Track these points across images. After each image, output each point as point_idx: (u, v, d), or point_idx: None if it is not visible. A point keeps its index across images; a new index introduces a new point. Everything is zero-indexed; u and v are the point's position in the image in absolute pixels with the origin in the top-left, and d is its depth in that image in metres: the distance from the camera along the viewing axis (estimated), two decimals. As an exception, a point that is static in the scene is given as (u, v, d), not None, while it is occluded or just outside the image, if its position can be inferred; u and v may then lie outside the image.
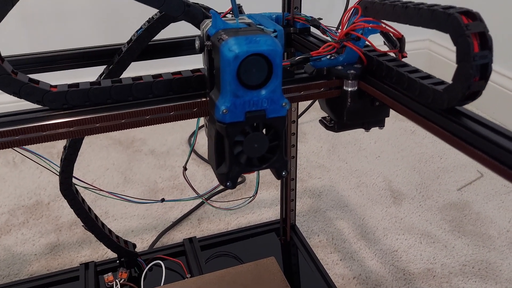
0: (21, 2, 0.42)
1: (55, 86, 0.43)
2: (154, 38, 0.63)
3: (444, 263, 1.03)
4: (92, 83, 0.44)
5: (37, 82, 0.42)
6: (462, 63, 0.37)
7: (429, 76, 0.43)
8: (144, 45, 0.65)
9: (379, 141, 1.50)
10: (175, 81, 0.47)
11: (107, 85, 0.44)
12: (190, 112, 0.48)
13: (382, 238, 1.11)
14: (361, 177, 1.33)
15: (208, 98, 0.49)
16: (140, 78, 0.46)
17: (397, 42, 0.49)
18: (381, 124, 0.53)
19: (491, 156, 0.35)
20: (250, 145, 0.46)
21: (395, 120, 1.62)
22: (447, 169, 1.36)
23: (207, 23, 0.48)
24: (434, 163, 1.38)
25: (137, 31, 0.65)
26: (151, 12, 0.62)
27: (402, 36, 0.49)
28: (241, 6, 0.63)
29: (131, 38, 0.66)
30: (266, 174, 1.33)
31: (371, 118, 0.52)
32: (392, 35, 0.49)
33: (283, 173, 0.49)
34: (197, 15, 0.52)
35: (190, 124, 1.60)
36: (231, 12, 0.57)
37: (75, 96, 0.43)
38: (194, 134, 0.73)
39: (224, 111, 0.44)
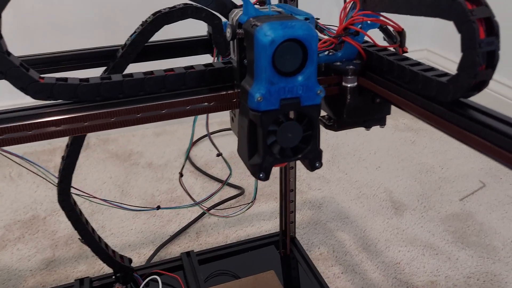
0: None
1: (43, 78, 0.42)
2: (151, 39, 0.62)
3: (448, 275, 1.00)
4: (81, 80, 0.42)
5: (28, 69, 0.41)
6: (468, 51, 0.35)
7: (432, 69, 0.42)
8: (139, 49, 0.63)
9: (379, 152, 1.48)
10: (187, 75, 0.46)
11: (96, 81, 0.42)
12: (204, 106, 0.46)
13: (384, 250, 1.08)
14: (362, 188, 1.31)
15: (236, 90, 0.49)
16: (130, 75, 0.44)
17: (397, 37, 0.48)
18: (382, 123, 0.52)
19: (505, 148, 0.33)
20: (284, 135, 0.45)
21: (394, 130, 1.61)
22: (448, 179, 1.33)
23: (237, 12, 0.49)
24: (435, 173, 1.36)
25: (131, 36, 0.64)
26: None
27: (403, 29, 0.48)
28: None
29: (125, 43, 0.64)
30: (265, 186, 1.31)
31: (372, 116, 0.50)
32: (392, 29, 0.48)
33: (317, 164, 0.48)
34: (227, 4, 0.53)
35: (188, 136, 1.59)
36: (257, 3, 0.58)
37: (62, 90, 0.41)
38: (190, 141, 0.72)
39: (259, 98, 0.43)
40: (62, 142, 1.60)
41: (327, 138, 1.55)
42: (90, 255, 1.08)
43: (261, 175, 0.47)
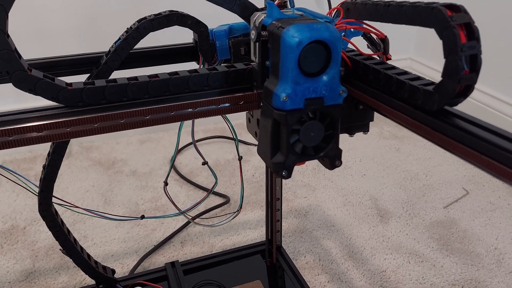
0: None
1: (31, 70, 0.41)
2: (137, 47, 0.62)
3: (433, 282, 1.01)
4: (67, 84, 0.41)
5: (20, 57, 0.41)
6: (450, 56, 0.36)
7: (418, 78, 0.42)
8: (123, 56, 0.63)
9: (364, 159, 1.49)
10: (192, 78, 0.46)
11: (78, 86, 0.41)
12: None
13: (370, 258, 1.08)
14: (347, 196, 1.31)
15: (255, 91, 0.50)
16: (135, 78, 0.44)
17: (380, 45, 0.48)
18: (365, 129, 0.52)
19: (490, 157, 0.33)
20: (306, 134, 0.47)
21: (379, 138, 1.62)
22: (432, 186, 1.35)
23: (259, 15, 0.50)
24: (420, 181, 1.37)
25: (115, 42, 0.63)
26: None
27: (386, 36, 0.48)
28: None
29: (109, 50, 0.64)
30: (251, 195, 1.31)
31: (355, 123, 0.51)
32: (375, 37, 0.48)
33: (337, 162, 0.50)
34: (249, 7, 0.54)
35: (173, 144, 1.58)
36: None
37: (46, 87, 0.40)
38: (175, 148, 0.71)
39: (285, 98, 0.45)
40: (43, 150, 1.58)
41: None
42: (71, 266, 1.06)
43: (283, 173, 0.49)
